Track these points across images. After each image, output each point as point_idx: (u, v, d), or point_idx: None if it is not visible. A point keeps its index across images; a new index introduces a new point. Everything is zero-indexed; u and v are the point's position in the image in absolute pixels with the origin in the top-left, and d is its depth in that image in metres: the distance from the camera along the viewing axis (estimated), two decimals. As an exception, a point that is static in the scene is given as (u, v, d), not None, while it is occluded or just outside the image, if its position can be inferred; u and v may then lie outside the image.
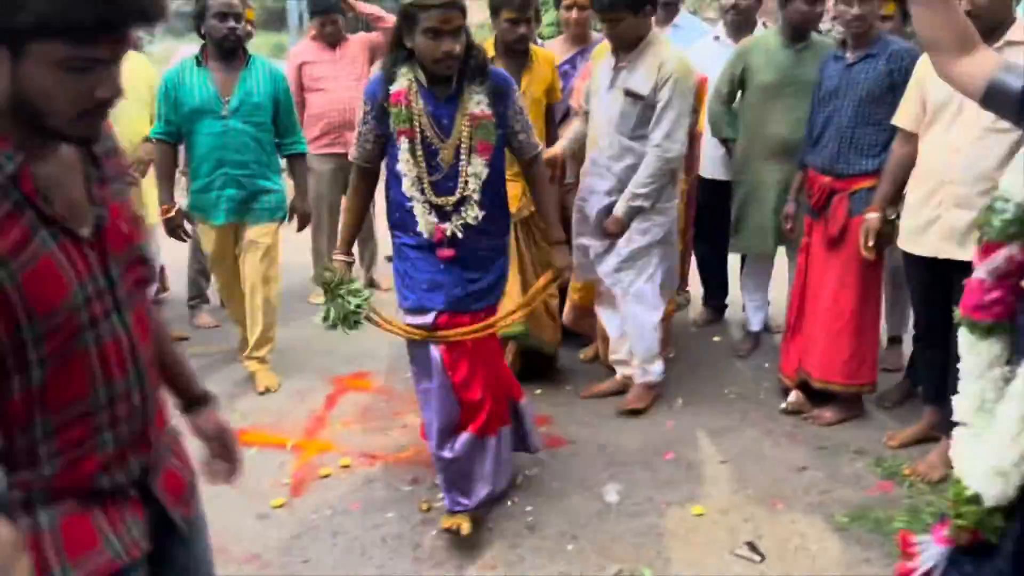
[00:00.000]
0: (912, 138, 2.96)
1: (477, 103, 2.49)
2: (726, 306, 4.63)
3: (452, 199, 2.52)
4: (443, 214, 2.53)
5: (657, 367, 3.55)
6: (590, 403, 3.64)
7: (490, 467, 2.68)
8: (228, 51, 3.56)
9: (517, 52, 3.49)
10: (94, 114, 1.12)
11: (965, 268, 1.74)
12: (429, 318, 2.58)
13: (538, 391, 3.73)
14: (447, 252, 2.55)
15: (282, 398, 3.75)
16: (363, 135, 2.60)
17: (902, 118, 2.99)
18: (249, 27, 4.04)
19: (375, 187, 2.79)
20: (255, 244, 3.71)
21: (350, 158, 2.71)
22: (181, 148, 3.80)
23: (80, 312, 1.15)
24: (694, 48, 4.16)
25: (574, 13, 3.78)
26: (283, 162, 3.94)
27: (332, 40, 4.75)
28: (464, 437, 2.62)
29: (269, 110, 3.64)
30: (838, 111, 3.23)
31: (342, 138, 4.65)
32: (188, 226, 3.82)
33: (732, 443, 3.31)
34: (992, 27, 2.59)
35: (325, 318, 2.62)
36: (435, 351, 2.59)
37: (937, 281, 2.89)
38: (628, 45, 3.22)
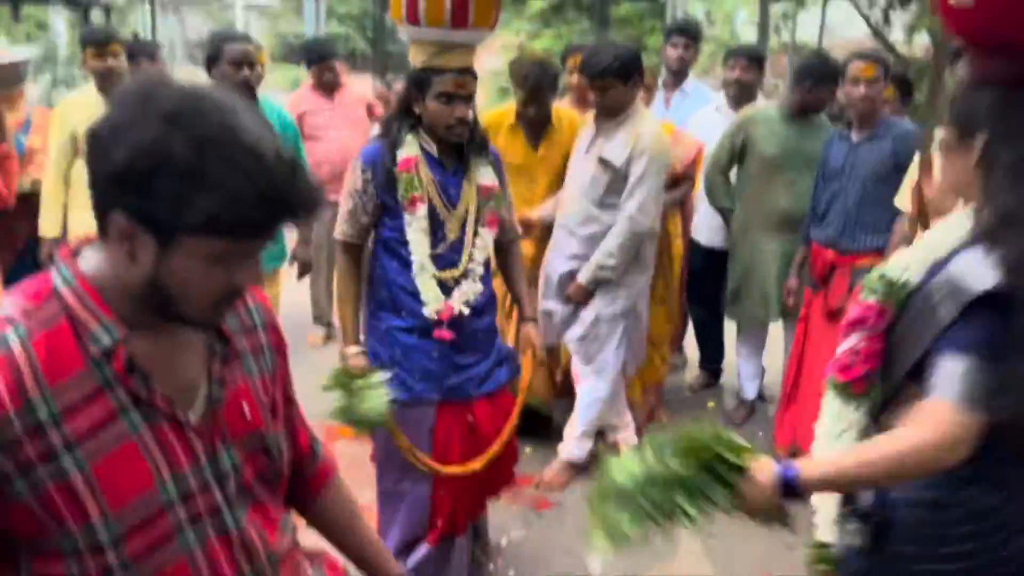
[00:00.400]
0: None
1: (485, 174, 2.44)
2: (721, 370, 4.62)
3: (456, 272, 2.39)
4: (445, 290, 2.39)
5: (588, 444, 3.48)
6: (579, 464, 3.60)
7: (455, 572, 2.55)
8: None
9: (535, 123, 3.54)
10: (227, 302, 1.05)
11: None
12: (431, 412, 2.43)
13: (528, 449, 3.70)
14: (446, 333, 2.38)
15: (270, 442, 3.71)
16: (359, 207, 2.40)
17: (903, 199, 3.01)
18: (261, 69, 4.06)
19: (361, 267, 2.60)
20: None
21: (337, 235, 2.50)
22: None
23: (174, 508, 1.04)
24: (695, 116, 4.23)
25: (575, 77, 3.84)
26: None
27: (330, 87, 4.81)
28: (423, 551, 2.48)
29: None
30: (844, 189, 3.26)
31: (338, 186, 4.67)
32: None
33: (722, 517, 3.25)
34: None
35: (342, 414, 2.33)
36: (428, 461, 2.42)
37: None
38: (611, 113, 3.23)
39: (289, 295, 4.32)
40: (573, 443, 3.46)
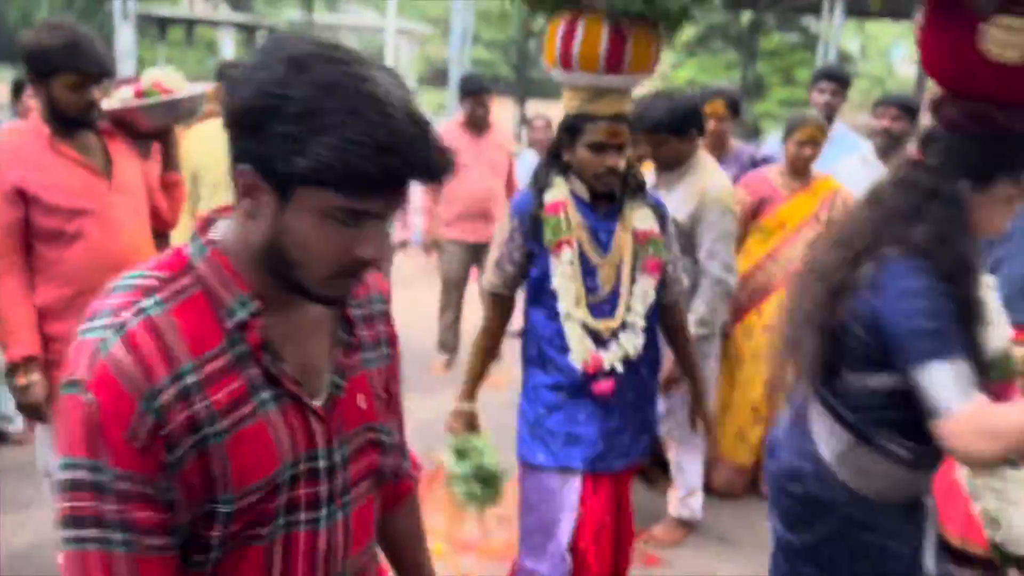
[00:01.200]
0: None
1: (643, 219, 2.25)
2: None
3: (612, 323, 2.18)
4: (599, 342, 2.19)
5: (696, 502, 3.31)
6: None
7: None
8: None
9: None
10: (349, 274, 0.97)
11: None
12: (576, 484, 2.20)
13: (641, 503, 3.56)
14: (605, 385, 2.16)
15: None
16: (505, 256, 2.26)
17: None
18: None
19: (508, 321, 2.41)
20: None
21: (485, 285, 2.34)
22: None
23: (281, 491, 0.99)
24: (839, 164, 4.00)
25: (711, 123, 3.72)
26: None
27: (481, 125, 4.77)
28: None
29: None
30: (1011, 255, 3.00)
31: (472, 226, 4.74)
32: None
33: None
34: None
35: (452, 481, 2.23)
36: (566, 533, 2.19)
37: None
38: (669, 167, 3.09)
39: (416, 320, 4.38)
40: (679, 504, 3.33)
